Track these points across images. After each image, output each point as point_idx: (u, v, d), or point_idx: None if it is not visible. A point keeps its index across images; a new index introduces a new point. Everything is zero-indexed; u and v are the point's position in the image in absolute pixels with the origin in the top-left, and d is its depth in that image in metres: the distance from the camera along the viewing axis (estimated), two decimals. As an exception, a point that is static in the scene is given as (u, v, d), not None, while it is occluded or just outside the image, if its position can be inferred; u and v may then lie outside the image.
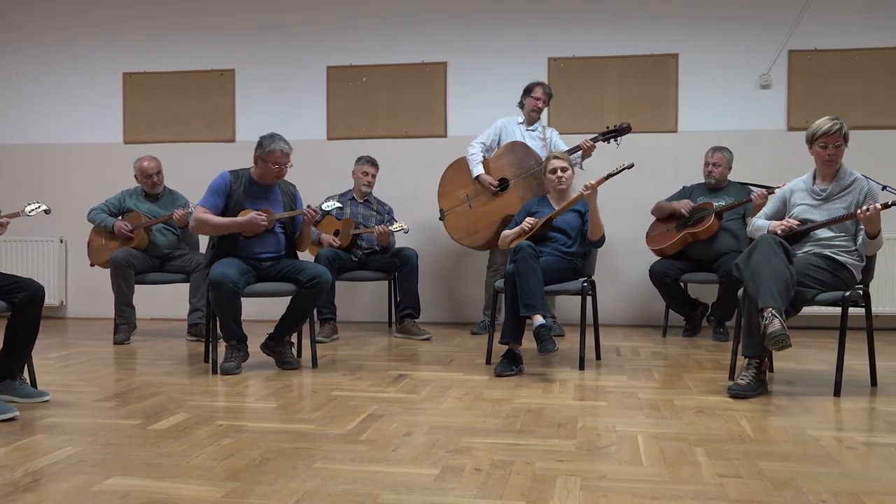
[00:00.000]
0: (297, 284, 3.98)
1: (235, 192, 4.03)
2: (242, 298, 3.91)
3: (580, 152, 5.10)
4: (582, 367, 3.99)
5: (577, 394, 3.40)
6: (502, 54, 6.12)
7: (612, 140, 5.10)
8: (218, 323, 3.98)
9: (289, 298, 4.05)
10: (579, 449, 2.51)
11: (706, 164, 5.28)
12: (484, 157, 5.32)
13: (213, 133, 6.46)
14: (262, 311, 5.60)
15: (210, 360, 3.99)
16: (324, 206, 4.15)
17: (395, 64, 6.25)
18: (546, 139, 5.34)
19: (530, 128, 5.37)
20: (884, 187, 3.84)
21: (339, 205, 4.25)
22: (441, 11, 6.20)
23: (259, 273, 4.05)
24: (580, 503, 2.01)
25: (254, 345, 4.12)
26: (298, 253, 4.27)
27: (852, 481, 2.18)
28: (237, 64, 6.46)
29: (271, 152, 3.98)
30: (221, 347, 4.09)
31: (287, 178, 4.28)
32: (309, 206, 4.08)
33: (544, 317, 3.78)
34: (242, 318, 3.96)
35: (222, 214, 4.02)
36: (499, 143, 5.36)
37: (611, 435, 2.69)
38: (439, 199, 5.45)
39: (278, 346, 4.08)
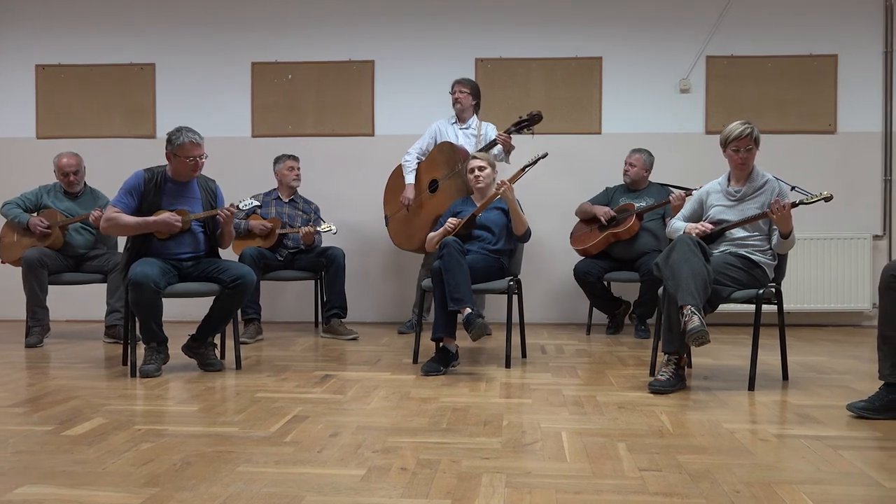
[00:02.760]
0: (220, 284, 3.89)
1: (150, 192, 3.91)
2: (163, 299, 3.80)
3: (501, 147, 5.15)
4: (508, 366, 4.03)
5: (503, 392, 3.43)
6: (430, 54, 6.13)
7: (525, 130, 5.15)
8: (137, 324, 3.86)
9: (212, 299, 3.96)
10: (505, 446, 2.54)
11: (625, 163, 5.41)
12: (420, 160, 5.33)
13: (132, 129, 6.27)
14: (183, 311, 5.47)
15: (129, 363, 3.87)
16: (241, 205, 4.07)
17: (321, 61, 6.19)
18: (481, 135, 5.35)
19: (463, 126, 5.38)
20: (793, 188, 4.01)
21: (257, 203, 4.17)
22: (368, 10, 6.16)
23: (181, 273, 3.95)
24: (505, 500, 2.03)
25: (175, 346, 4.01)
26: (221, 252, 4.18)
27: (765, 472, 2.27)
28: (158, 58, 6.28)
29: (182, 146, 3.86)
30: (141, 350, 3.97)
31: (212, 175, 4.19)
32: (226, 206, 3.98)
33: (473, 310, 3.80)
34: (163, 318, 3.85)
35: (136, 215, 3.90)
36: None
37: (535, 432, 2.73)
38: (384, 206, 5.51)
39: (200, 347, 3.99)
